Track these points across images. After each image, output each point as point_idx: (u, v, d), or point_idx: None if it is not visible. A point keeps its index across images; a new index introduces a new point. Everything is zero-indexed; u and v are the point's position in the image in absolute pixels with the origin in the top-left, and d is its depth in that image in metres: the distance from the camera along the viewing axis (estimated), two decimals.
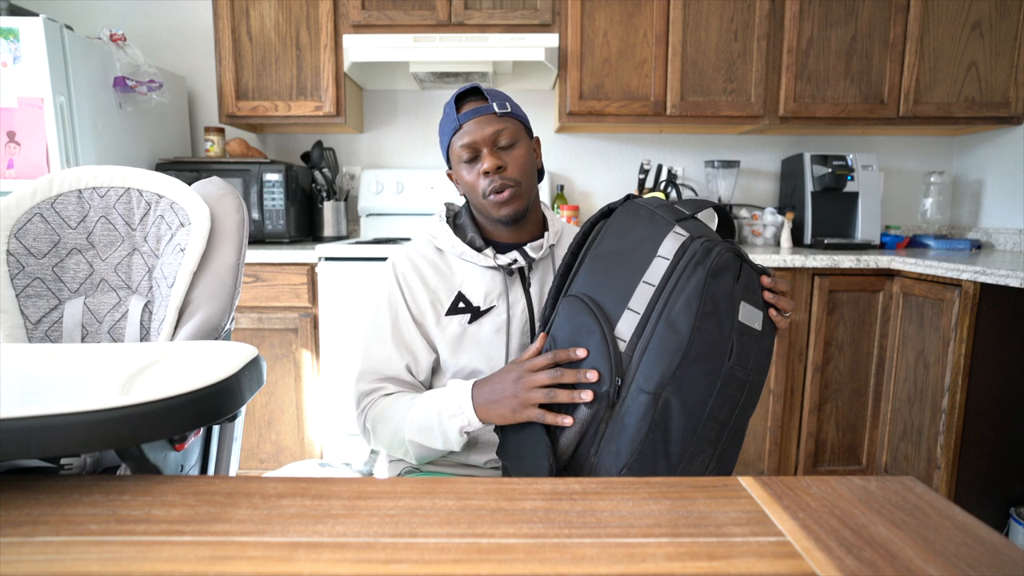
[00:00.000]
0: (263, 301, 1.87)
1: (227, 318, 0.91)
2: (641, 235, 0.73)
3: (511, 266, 0.88)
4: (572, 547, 0.40)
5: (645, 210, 0.75)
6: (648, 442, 0.65)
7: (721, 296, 0.66)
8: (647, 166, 2.27)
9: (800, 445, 1.93)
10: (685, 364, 0.65)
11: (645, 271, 0.70)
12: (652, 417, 0.65)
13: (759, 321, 0.68)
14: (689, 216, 0.73)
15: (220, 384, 0.54)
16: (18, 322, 0.89)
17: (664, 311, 0.66)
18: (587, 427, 0.69)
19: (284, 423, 1.93)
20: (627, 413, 0.66)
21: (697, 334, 0.65)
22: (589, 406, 0.69)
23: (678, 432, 0.65)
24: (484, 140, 0.85)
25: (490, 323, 0.88)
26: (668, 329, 0.65)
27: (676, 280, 0.67)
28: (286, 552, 0.39)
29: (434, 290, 0.89)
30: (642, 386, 0.65)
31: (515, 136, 0.86)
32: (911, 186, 2.43)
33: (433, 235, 0.93)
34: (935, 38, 2.02)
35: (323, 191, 2.28)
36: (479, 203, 0.88)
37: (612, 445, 0.67)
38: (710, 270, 0.66)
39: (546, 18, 2.02)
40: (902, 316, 1.80)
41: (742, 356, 0.67)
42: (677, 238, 0.70)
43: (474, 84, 0.90)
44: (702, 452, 0.67)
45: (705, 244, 0.68)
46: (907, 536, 0.41)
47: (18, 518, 0.43)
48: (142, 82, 1.93)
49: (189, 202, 0.94)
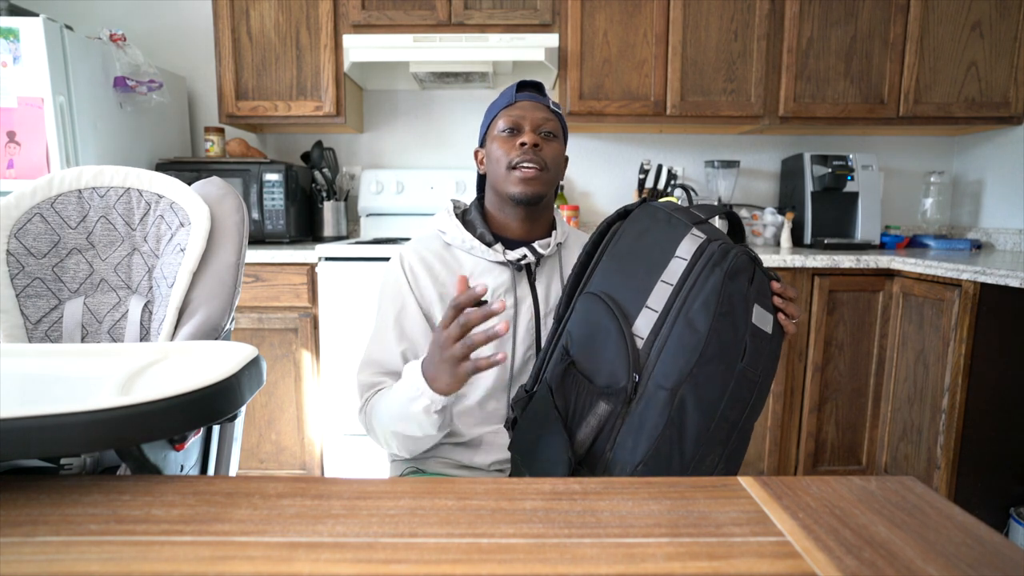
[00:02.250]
0: (263, 301, 1.87)
1: (227, 318, 0.91)
2: (659, 236, 0.74)
3: (520, 262, 0.89)
4: (572, 547, 0.40)
5: (662, 212, 0.77)
6: (664, 438, 0.66)
7: (737, 298, 0.67)
8: (647, 166, 2.27)
9: (800, 445, 1.93)
10: (702, 362, 0.66)
11: (663, 270, 0.71)
12: (669, 413, 0.66)
13: (770, 324, 0.70)
14: (704, 220, 0.75)
15: (220, 384, 0.54)
16: (18, 322, 0.89)
17: (683, 310, 0.68)
18: (604, 423, 0.70)
19: (284, 423, 1.93)
20: (645, 409, 0.67)
21: (714, 334, 0.66)
22: (608, 402, 0.69)
23: (693, 430, 0.66)
24: (532, 120, 0.89)
25: (496, 319, 0.88)
26: (686, 327, 0.67)
27: (695, 280, 0.68)
28: (286, 552, 0.39)
29: (442, 283, 0.89)
30: (660, 383, 0.66)
31: (556, 132, 0.91)
32: (911, 186, 2.43)
33: (442, 229, 0.93)
34: (935, 38, 2.02)
35: (323, 191, 2.28)
36: (500, 176, 0.88)
37: (628, 441, 0.68)
38: (727, 272, 0.67)
39: (546, 18, 2.02)
40: (902, 316, 1.80)
41: (753, 358, 0.68)
42: (695, 239, 0.71)
43: (538, 80, 0.95)
44: (713, 451, 0.68)
45: (722, 247, 0.69)
46: (907, 536, 0.41)
47: (18, 518, 0.43)
48: (142, 82, 1.93)
49: (189, 202, 0.94)
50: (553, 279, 0.92)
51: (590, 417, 0.71)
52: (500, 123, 0.90)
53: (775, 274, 0.73)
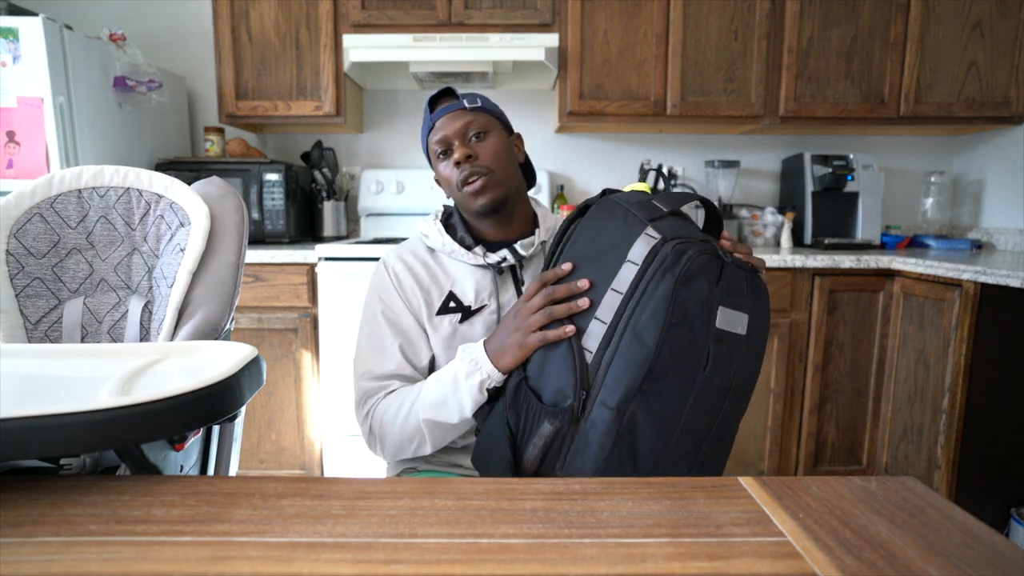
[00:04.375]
0: (263, 301, 1.87)
1: (227, 318, 0.91)
2: (613, 237, 0.68)
3: (500, 264, 0.88)
4: (572, 547, 0.40)
5: (620, 208, 0.71)
6: (613, 459, 0.63)
7: (693, 304, 0.62)
8: (647, 166, 2.27)
9: (800, 445, 1.93)
10: (652, 378, 0.61)
11: (614, 278, 0.66)
12: (617, 432, 0.62)
13: (743, 325, 0.64)
14: (667, 214, 0.68)
15: (220, 384, 0.54)
16: (18, 322, 0.89)
17: (631, 322, 0.63)
18: (551, 442, 0.67)
19: (284, 423, 1.93)
20: (591, 428, 0.64)
21: (664, 346, 0.61)
22: (552, 421, 0.66)
23: (647, 446, 0.63)
24: (455, 133, 0.86)
25: (481, 322, 0.88)
26: (634, 341, 0.62)
27: (644, 288, 0.63)
28: (286, 552, 0.39)
29: (427, 290, 0.89)
30: (606, 401, 0.63)
31: (486, 127, 0.87)
32: (911, 186, 2.43)
33: (425, 234, 0.93)
34: (935, 38, 2.02)
35: (323, 191, 2.28)
36: (457, 198, 0.88)
37: (577, 461, 0.65)
38: (680, 277, 0.61)
39: (546, 18, 2.02)
40: (902, 316, 1.80)
41: (721, 364, 0.63)
42: (648, 241, 0.65)
43: (447, 86, 0.92)
44: (677, 464, 0.65)
45: (677, 247, 0.63)
46: (907, 536, 0.41)
47: (18, 518, 0.43)
48: (142, 82, 1.93)
49: (189, 202, 0.94)
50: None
51: (536, 437, 0.68)
52: (434, 148, 0.88)
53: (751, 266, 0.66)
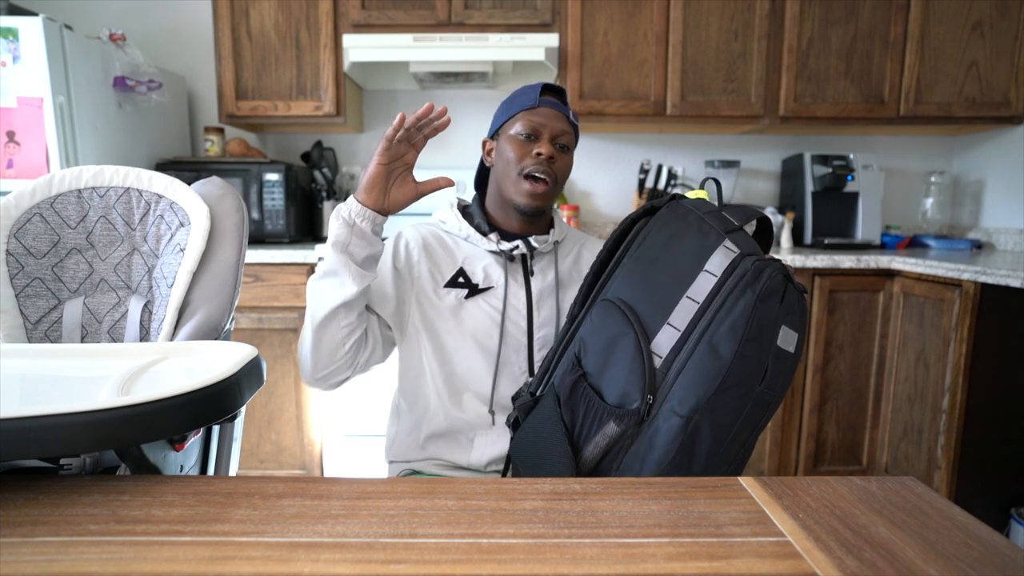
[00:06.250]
0: (263, 301, 1.87)
1: (227, 318, 0.91)
2: (688, 244, 0.68)
3: (512, 251, 0.90)
4: (572, 547, 0.40)
5: (693, 215, 0.71)
6: (673, 463, 0.64)
7: (767, 321, 0.63)
8: (647, 166, 2.27)
9: (800, 445, 1.93)
10: (722, 390, 0.62)
11: (690, 285, 0.66)
12: (682, 440, 0.63)
13: (793, 344, 0.65)
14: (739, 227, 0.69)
15: (220, 384, 0.54)
16: (18, 322, 0.89)
17: (707, 332, 0.63)
18: (614, 442, 0.67)
19: (284, 423, 1.93)
20: (656, 433, 0.64)
21: (738, 360, 0.62)
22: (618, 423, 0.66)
23: (702, 454, 0.64)
24: (553, 130, 0.88)
25: (486, 304, 0.89)
26: (709, 352, 0.63)
27: (723, 300, 0.64)
28: (286, 552, 0.39)
29: (436, 262, 0.91)
30: (676, 408, 0.63)
31: (571, 144, 0.91)
32: (911, 186, 2.43)
33: (442, 220, 0.96)
34: (935, 38, 2.02)
35: (323, 191, 2.28)
36: (510, 179, 0.89)
37: (636, 463, 0.66)
38: (760, 294, 0.62)
39: (546, 18, 2.02)
40: (902, 316, 1.80)
41: (773, 379, 0.64)
42: (727, 254, 0.66)
43: (560, 86, 0.95)
44: (718, 469, 0.66)
45: (756, 264, 0.64)
46: (907, 536, 0.41)
47: (18, 518, 0.43)
48: (142, 82, 1.93)
49: (189, 202, 0.94)
50: (548, 275, 0.93)
51: (599, 437, 0.68)
52: (518, 125, 0.89)
53: (803, 286, 0.68)
